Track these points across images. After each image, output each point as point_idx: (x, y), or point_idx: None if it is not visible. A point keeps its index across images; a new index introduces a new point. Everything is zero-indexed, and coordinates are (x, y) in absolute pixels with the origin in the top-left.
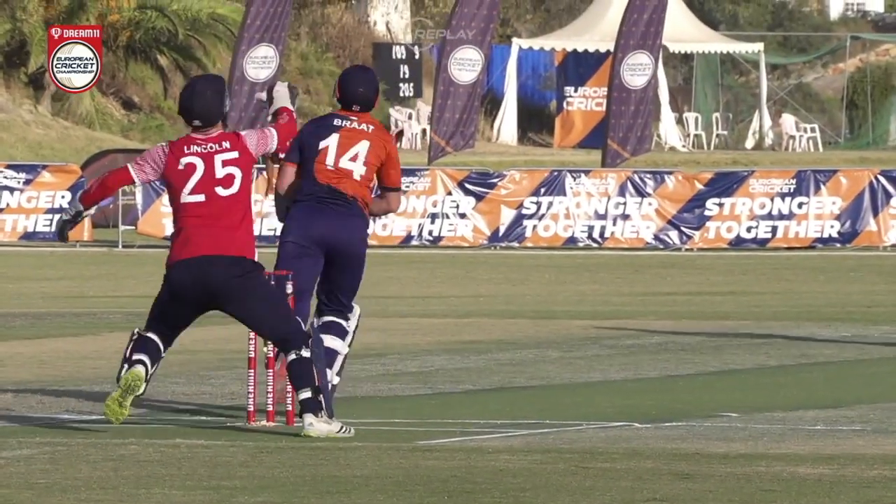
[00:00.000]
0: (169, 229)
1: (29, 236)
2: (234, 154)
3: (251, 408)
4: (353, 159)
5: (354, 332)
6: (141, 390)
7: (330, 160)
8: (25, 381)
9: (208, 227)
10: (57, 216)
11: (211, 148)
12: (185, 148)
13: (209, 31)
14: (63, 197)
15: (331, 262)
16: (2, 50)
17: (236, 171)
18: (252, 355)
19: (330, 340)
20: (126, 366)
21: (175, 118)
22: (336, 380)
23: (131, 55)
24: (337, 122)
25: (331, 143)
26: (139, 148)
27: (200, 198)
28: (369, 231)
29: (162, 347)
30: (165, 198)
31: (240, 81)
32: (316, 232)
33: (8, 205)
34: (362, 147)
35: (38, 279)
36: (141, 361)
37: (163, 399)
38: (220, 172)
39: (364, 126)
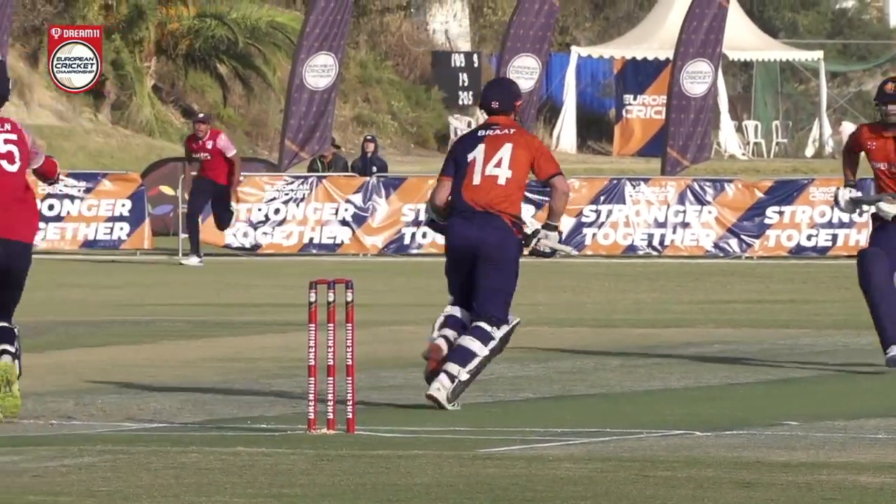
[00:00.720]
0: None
1: (90, 244)
2: (14, 136)
3: (311, 415)
4: (498, 164)
5: (504, 339)
6: (18, 372)
7: (477, 172)
8: (86, 388)
9: None
10: (117, 224)
11: None
12: None
13: (268, 40)
14: (123, 205)
15: (474, 265)
16: None
17: (15, 150)
18: (312, 363)
19: (468, 341)
20: None
21: (234, 126)
22: (465, 376)
23: (191, 63)
24: (482, 132)
25: (477, 154)
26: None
27: None
28: (521, 246)
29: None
30: None
31: (299, 90)
32: (465, 240)
33: (69, 213)
34: (505, 151)
35: (99, 287)
36: (3, 351)
37: (223, 407)
38: (2, 148)
39: (507, 130)
